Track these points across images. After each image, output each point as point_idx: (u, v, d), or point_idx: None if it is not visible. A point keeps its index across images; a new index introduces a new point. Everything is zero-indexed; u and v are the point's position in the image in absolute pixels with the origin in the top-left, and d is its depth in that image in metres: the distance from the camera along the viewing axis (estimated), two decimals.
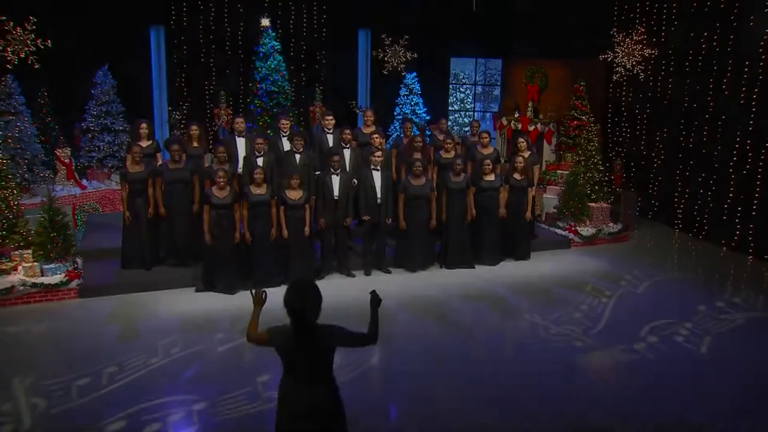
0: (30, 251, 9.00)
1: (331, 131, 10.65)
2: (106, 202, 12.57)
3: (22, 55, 12.67)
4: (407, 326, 8.16)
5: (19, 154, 11.71)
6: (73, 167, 12.59)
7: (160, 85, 14.66)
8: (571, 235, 11.69)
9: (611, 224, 12.18)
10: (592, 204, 12.08)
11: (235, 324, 8.05)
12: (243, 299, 8.78)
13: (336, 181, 9.57)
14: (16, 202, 9.58)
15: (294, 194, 9.21)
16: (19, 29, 12.59)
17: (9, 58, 12.52)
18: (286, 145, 10.35)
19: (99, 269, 9.57)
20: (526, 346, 7.65)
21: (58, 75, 12.94)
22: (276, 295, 8.97)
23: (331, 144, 10.53)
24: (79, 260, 9.56)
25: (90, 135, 13.04)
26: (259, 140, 9.84)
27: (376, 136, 10.50)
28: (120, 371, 6.81)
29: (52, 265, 8.93)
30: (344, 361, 7.07)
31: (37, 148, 12.01)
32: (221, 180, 8.78)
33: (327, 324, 4.29)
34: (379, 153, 9.83)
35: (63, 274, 8.87)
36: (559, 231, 11.88)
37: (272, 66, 14.07)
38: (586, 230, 11.77)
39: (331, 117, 10.72)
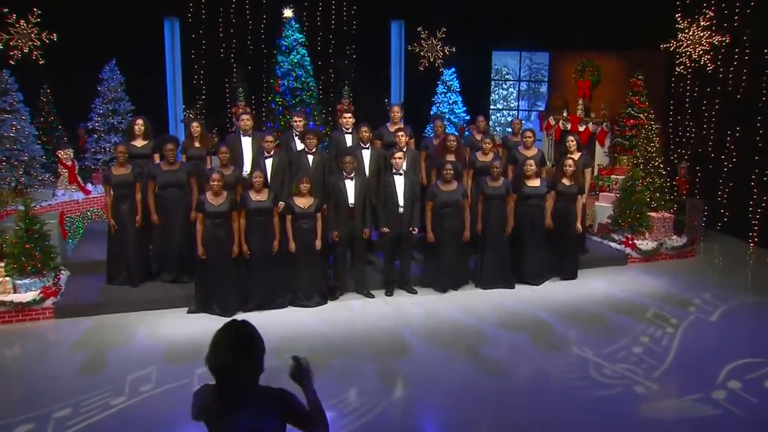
0: (2, 264, 7.92)
1: (350, 131, 9.35)
2: None
3: (26, 50, 11.84)
4: (432, 361, 6.77)
5: (15, 156, 10.73)
6: (76, 170, 11.59)
7: (174, 82, 13.59)
8: (628, 250, 10.12)
9: (675, 237, 10.57)
10: (653, 213, 10.49)
11: None
12: None
13: (350, 186, 8.26)
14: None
15: (303, 201, 7.94)
16: (23, 22, 11.76)
17: (12, 54, 11.71)
18: (300, 146, 9.11)
19: (86, 285, 8.45)
20: (573, 390, 6.18)
21: (61, 70, 11.95)
22: (275, 318, 7.85)
23: (350, 145, 9.24)
24: (63, 274, 8.48)
25: (96, 135, 12.04)
26: (269, 138, 8.60)
27: (401, 134, 9.14)
28: (73, 414, 5.61)
29: (26, 281, 7.84)
30: (347, 407, 5.74)
31: (36, 149, 11.01)
32: (216, 184, 7.56)
33: (275, 388, 2.94)
34: (399, 154, 8.48)
35: (38, 291, 7.77)
36: (613, 245, 10.31)
37: (295, 60, 12.90)
38: (646, 244, 10.18)
39: (350, 115, 9.41)
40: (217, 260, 7.69)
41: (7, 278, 7.79)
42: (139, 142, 8.92)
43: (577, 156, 9.52)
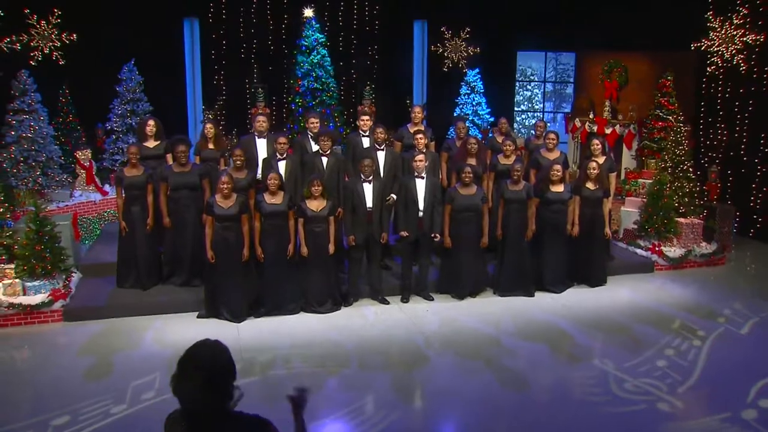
0: (12, 266, 7.84)
1: (367, 134, 9.10)
2: None
3: (47, 51, 11.86)
4: (447, 373, 6.50)
5: (33, 156, 10.71)
6: (94, 171, 11.54)
7: (193, 83, 13.51)
8: (655, 257, 9.74)
9: (704, 244, 10.14)
10: (681, 219, 10.08)
11: None
12: (250, 330, 7.41)
13: (368, 189, 8.02)
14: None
15: (315, 204, 7.73)
16: (43, 23, 11.78)
17: (33, 54, 11.74)
18: (316, 147, 8.89)
19: (97, 287, 8.33)
20: (593, 406, 5.86)
21: (80, 70, 11.92)
22: (286, 324, 7.63)
23: (366, 147, 8.99)
24: (74, 277, 8.37)
25: (114, 136, 11.99)
26: (282, 140, 8.40)
27: (420, 136, 8.87)
28: (71, 422, 5.45)
29: (35, 283, 7.74)
30: (357, 419, 5.50)
31: (53, 149, 10.98)
32: (225, 186, 7.38)
33: (250, 415, 2.70)
34: (420, 157, 8.22)
35: (47, 294, 7.66)
36: (639, 251, 9.93)
37: (315, 61, 12.78)
38: (673, 251, 9.79)
39: (367, 117, 9.16)
40: (226, 264, 7.51)
41: (17, 280, 7.70)
42: (151, 143, 8.79)
43: (601, 159, 9.18)
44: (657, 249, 9.76)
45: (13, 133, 10.67)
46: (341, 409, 5.76)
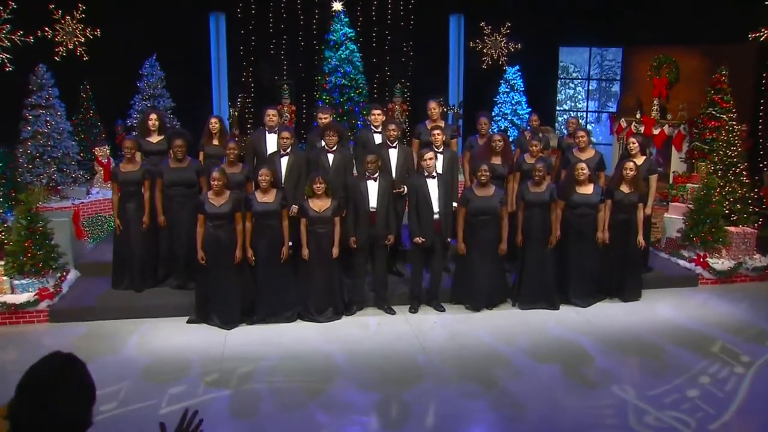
0: (2, 263, 7.53)
1: (379, 130, 8.49)
2: None
3: (71, 46, 11.69)
4: (443, 396, 5.79)
5: (48, 152, 10.48)
6: (111, 168, 11.25)
7: (218, 79, 13.15)
8: (699, 269, 8.78)
9: (757, 256, 9.11)
10: (731, 228, 9.10)
11: (209, 372, 6.08)
12: (239, 338, 6.89)
13: (373, 187, 7.40)
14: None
15: (319, 204, 7.16)
16: (68, 18, 11.61)
17: (57, 50, 11.58)
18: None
19: (91, 288, 7.96)
20: None
21: (102, 66, 11.68)
22: (279, 333, 6.97)
23: (378, 143, 8.38)
24: (70, 275, 8.02)
25: (134, 132, 11.69)
26: (285, 134, 7.85)
27: (438, 132, 8.19)
28: None
29: (24, 281, 7.41)
30: None
31: (69, 145, 10.71)
32: (216, 183, 6.88)
33: None
34: (430, 155, 7.54)
35: (34, 293, 7.32)
36: (682, 262, 8.99)
37: (343, 56, 12.25)
38: (721, 263, 8.81)
39: (379, 112, 8.55)
40: (218, 266, 7.01)
41: (5, 278, 7.38)
42: (154, 138, 8.37)
43: (640, 160, 8.31)
44: (702, 260, 8.81)
45: (29, 128, 10.46)
46: (316, 431, 5.16)
